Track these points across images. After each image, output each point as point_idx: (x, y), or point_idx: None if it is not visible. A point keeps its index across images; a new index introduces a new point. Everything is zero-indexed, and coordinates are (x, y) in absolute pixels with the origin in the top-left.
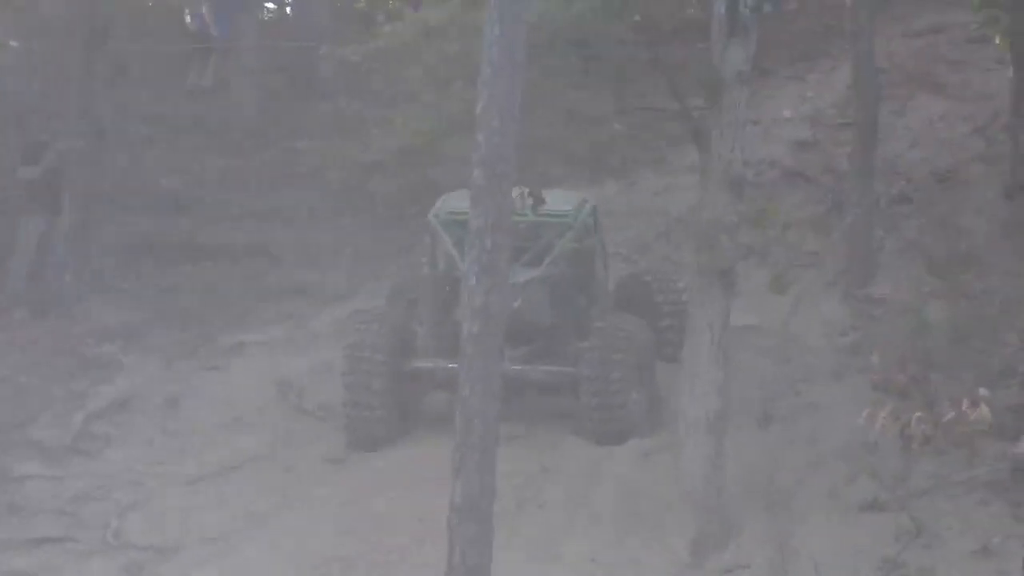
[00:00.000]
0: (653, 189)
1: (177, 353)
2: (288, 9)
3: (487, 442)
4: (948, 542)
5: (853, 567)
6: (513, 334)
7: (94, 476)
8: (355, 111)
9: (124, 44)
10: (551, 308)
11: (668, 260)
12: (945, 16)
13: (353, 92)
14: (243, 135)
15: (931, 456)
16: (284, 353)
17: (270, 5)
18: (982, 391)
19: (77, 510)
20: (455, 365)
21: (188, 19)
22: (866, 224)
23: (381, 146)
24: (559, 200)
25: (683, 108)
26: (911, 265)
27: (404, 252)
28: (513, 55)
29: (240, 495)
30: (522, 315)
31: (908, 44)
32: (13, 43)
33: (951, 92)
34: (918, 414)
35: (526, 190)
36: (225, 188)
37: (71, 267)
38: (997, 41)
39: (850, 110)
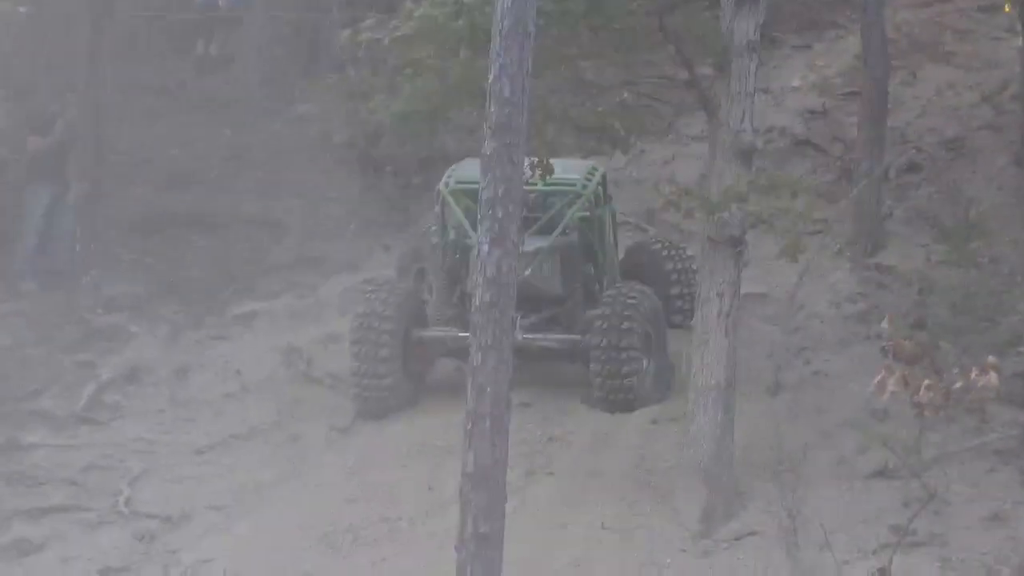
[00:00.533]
0: (662, 158)
1: (185, 323)
2: None
3: (498, 410)
4: (958, 509)
5: (863, 534)
6: (523, 303)
7: (103, 446)
8: (363, 80)
9: (131, 15)
10: (561, 277)
11: (676, 229)
12: None
13: (360, 62)
14: (249, 106)
15: (941, 424)
16: (292, 323)
17: None
18: (991, 358)
19: (86, 479)
20: (466, 334)
21: None
22: (875, 193)
23: (387, 111)
24: (569, 169)
25: (692, 77)
26: (920, 233)
27: (412, 222)
28: (524, 25)
29: (248, 464)
30: (532, 284)
31: (917, 13)
32: (22, 8)
33: (960, 61)
34: (928, 381)
35: (534, 160)
36: (232, 159)
37: (78, 238)
38: (1007, 10)
39: (859, 79)
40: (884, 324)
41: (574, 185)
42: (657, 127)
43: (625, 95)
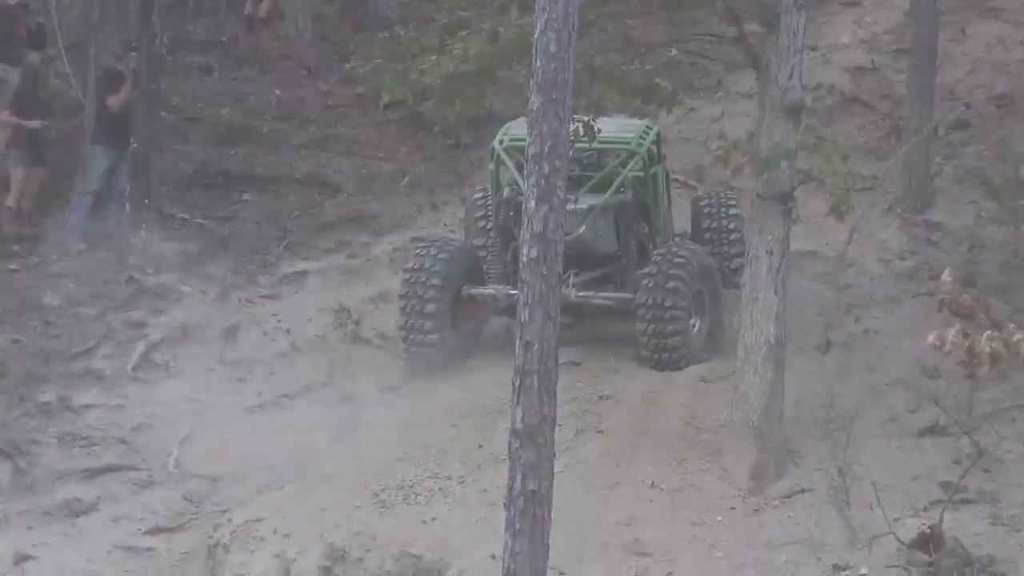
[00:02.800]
0: (710, 116)
1: (235, 283)
2: None
3: (547, 367)
4: (1009, 467)
5: (914, 492)
6: (577, 261)
7: (154, 405)
8: (412, 39)
9: None
10: (615, 236)
11: (726, 186)
12: None
13: (409, 21)
14: (299, 65)
15: (992, 382)
16: (342, 282)
17: None
18: None
19: (136, 439)
20: (515, 292)
21: None
22: (924, 150)
23: (436, 71)
24: (624, 127)
25: (741, 34)
26: (969, 191)
27: (461, 182)
28: None
29: (299, 424)
30: (586, 242)
31: None
32: None
33: (1009, 16)
34: (989, 333)
35: (580, 121)
36: (282, 118)
37: (129, 196)
38: None
39: (907, 36)
40: (944, 277)
41: (629, 143)
42: (705, 84)
43: (673, 52)
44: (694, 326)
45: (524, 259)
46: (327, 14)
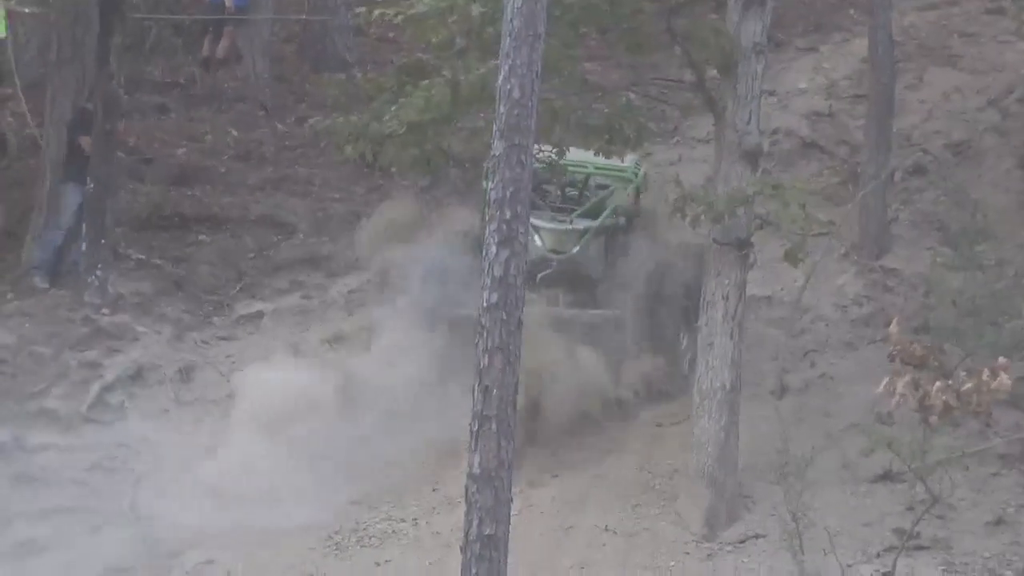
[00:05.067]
0: (668, 160)
1: (190, 323)
2: None
3: (505, 412)
4: (962, 513)
5: (867, 538)
6: (570, 280)
7: (108, 446)
8: (369, 80)
9: (140, 14)
10: (605, 258)
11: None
12: None
13: (367, 62)
14: (256, 105)
15: (946, 428)
16: (297, 323)
17: None
18: (1002, 359)
19: (91, 480)
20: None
21: None
22: (881, 196)
23: (397, 120)
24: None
25: (699, 79)
26: (925, 237)
27: (418, 223)
28: (535, 26)
29: (256, 462)
30: (578, 263)
31: (923, 16)
32: (27, 10)
33: (966, 64)
34: (939, 384)
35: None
36: (239, 158)
37: (85, 236)
38: (1016, 18)
39: (865, 82)
40: (892, 328)
41: (624, 171)
42: (663, 129)
43: (632, 97)
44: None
45: (483, 304)
46: (285, 55)
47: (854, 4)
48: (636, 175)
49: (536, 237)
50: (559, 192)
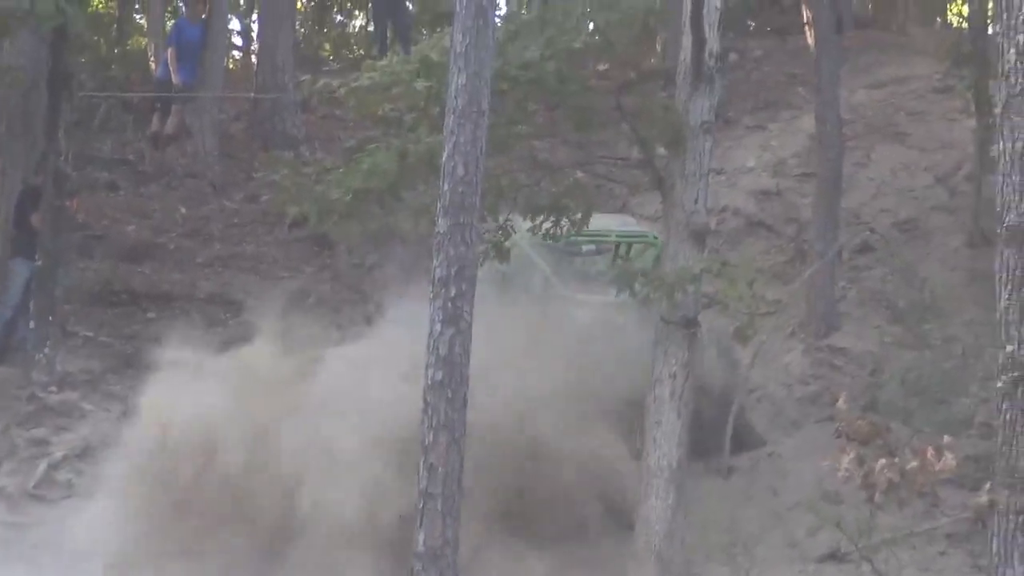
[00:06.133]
0: None
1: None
2: (253, 57)
3: (451, 490)
4: None
5: None
6: None
7: (54, 524)
8: (318, 160)
9: (89, 91)
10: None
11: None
12: (908, 67)
13: (315, 139)
14: (205, 182)
15: (893, 506)
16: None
17: (236, 53)
18: (946, 438)
19: (38, 557)
20: None
21: (153, 66)
22: (829, 274)
23: (343, 186)
24: (627, 222)
25: (647, 157)
26: (873, 315)
27: (367, 300)
28: (479, 103)
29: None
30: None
31: (871, 94)
32: None
33: (914, 142)
34: (883, 461)
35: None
36: (188, 235)
37: (34, 313)
38: (963, 96)
39: (813, 160)
40: (839, 404)
41: (646, 236)
42: (612, 207)
43: (579, 175)
44: None
45: (428, 381)
46: (233, 132)
47: (802, 82)
48: (656, 239)
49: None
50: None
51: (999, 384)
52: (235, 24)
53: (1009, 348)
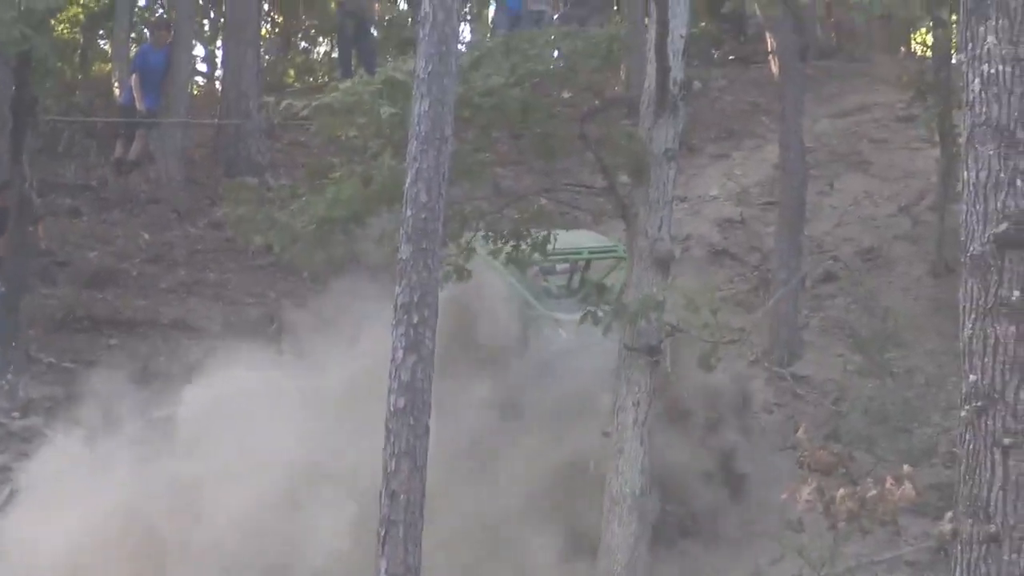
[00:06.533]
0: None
1: (103, 428)
2: (218, 83)
3: (413, 517)
4: None
5: None
6: None
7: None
8: (281, 186)
9: (53, 117)
10: None
11: None
12: (872, 96)
13: (280, 166)
14: (168, 208)
15: (855, 535)
16: (209, 426)
17: (200, 79)
18: (906, 468)
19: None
20: None
21: (117, 93)
22: (792, 302)
23: (307, 215)
24: (592, 238)
25: (610, 185)
26: (836, 343)
27: (328, 325)
28: (441, 129)
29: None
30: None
31: (835, 123)
32: None
33: (877, 171)
34: (843, 491)
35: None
36: (151, 261)
37: None
38: (927, 125)
39: (776, 188)
40: (799, 434)
41: (615, 249)
42: (581, 230)
43: (543, 202)
44: None
45: (391, 408)
46: (197, 158)
47: (766, 111)
48: (625, 252)
49: (560, 331)
50: (567, 280)
51: (962, 413)
52: (199, 50)
53: (972, 378)
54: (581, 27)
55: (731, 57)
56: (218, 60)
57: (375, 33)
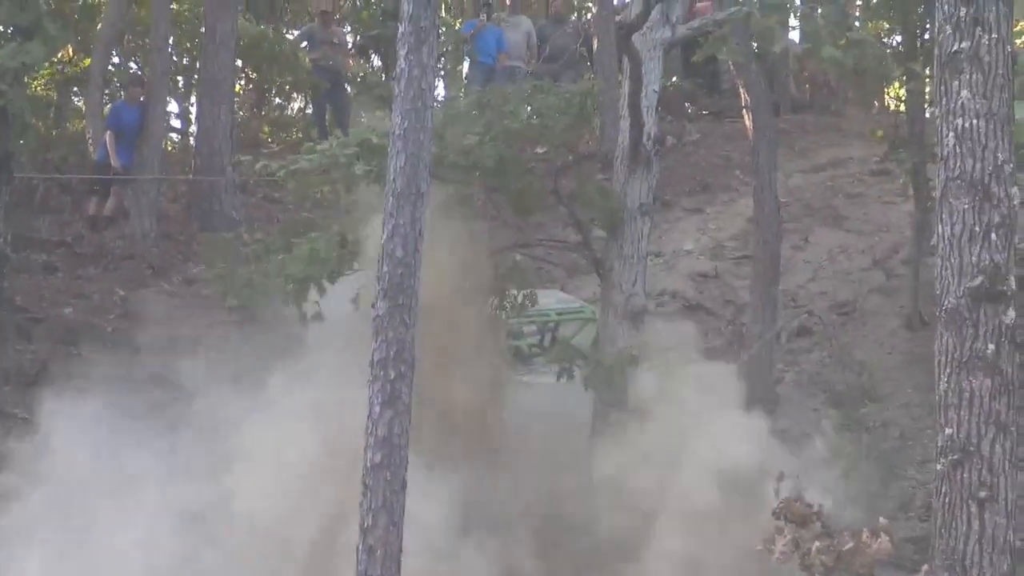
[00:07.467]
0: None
1: (76, 483)
2: (192, 139)
3: (389, 571)
4: None
5: None
6: None
7: None
8: (257, 241)
9: (27, 172)
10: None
11: None
12: (845, 150)
13: (255, 221)
14: (143, 264)
15: None
16: (186, 482)
17: (174, 135)
18: (882, 521)
19: None
20: None
21: (91, 149)
22: (766, 356)
23: (283, 273)
24: (563, 299)
25: (584, 239)
26: (811, 398)
27: (303, 379)
28: (416, 184)
29: None
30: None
31: (808, 177)
32: None
33: (851, 225)
34: (818, 543)
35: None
36: (126, 318)
37: None
38: (901, 179)
39: (750, 243)
40: (774, 487)
41: (583, 311)
42: (549, 290)
43: (518, 258)
44: None
45: (367, 464)
46: (172, 213)
47: (740, 165)
48: (593, 314)
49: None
50: (535, 343)
51: (938, 466)
52: (173, 106)
53: (948, 431)
54: (555, 82)
55: (705, 112)
56: (192, 116)
57: (348, 89)
